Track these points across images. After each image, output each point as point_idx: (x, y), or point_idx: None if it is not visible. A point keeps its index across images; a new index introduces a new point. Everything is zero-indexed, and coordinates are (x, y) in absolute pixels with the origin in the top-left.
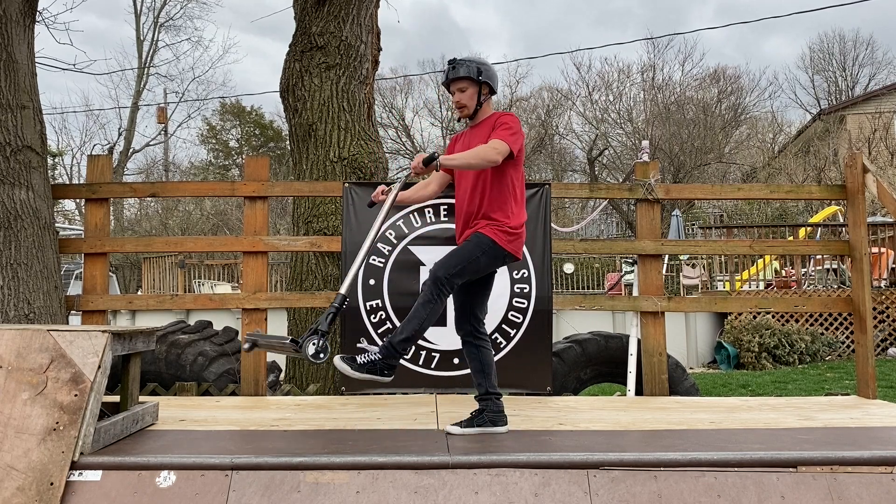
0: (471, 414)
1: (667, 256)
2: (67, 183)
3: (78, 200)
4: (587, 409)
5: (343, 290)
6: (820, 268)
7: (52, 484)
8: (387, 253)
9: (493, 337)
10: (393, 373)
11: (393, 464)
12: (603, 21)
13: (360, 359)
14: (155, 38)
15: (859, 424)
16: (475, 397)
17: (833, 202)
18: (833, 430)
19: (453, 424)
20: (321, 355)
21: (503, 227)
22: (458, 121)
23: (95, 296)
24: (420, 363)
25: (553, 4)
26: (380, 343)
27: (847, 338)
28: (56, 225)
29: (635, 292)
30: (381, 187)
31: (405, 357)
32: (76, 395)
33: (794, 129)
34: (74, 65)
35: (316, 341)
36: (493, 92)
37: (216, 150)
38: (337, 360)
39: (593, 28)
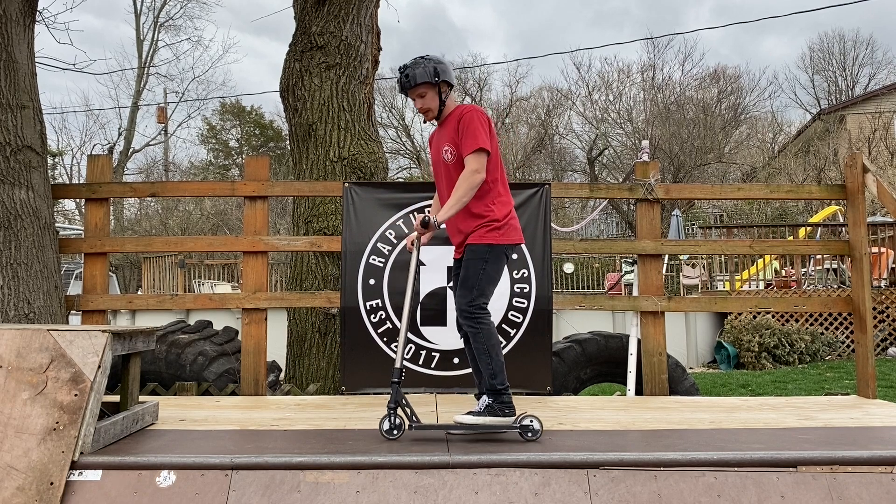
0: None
1: (667, 256)
2: (67, 183)
3: (78, 200)
4: (587, 409)
5: (397, 363)
6: (820, 268)
7: (52, 484)
8: (387, 253)
9: None
10: (513, 411)
11: (393, 463)
12: (600, 21)
13: (477, 408)
14: (155, 38)
15: (859, 424)
16: (476, 396)
17: (833, 202)
18: (833, 430)
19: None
20: (394, 431)
21: (490, 225)
22: (424, 122)
23: (95, 296)
24: (420, 363)
25: (549, 4)
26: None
27: (847, 338)
28: (56, 225)
29: (635, 292)
30: (412, 237)
31: (504, 390)
32: (76, 395)
33: (794, 129)
34: (74, 65)
35: (391, 419)
36: (451, 86)
37: (216, 150)
38: (458, 417)
39: (590, 28)
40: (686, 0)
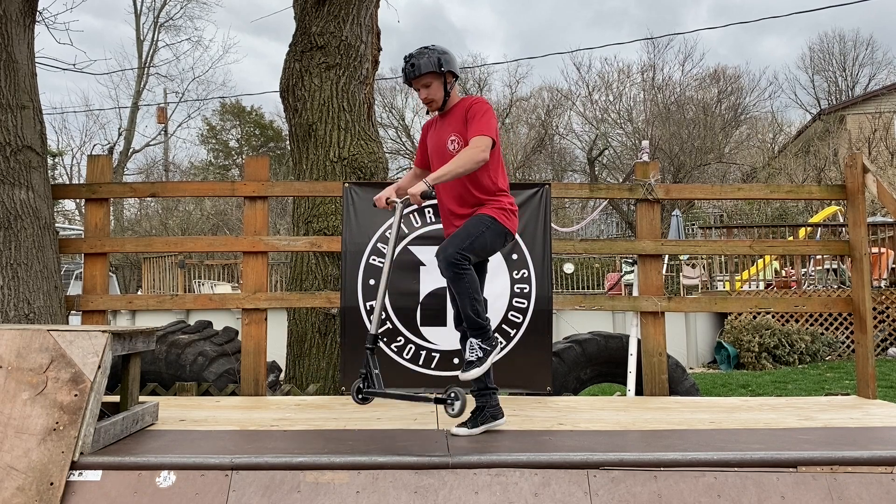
0: (472, 413)
1: (667, 256)
2: (67, 183)
3: (78, 200)
4: (587, 409)
5: (372, 329)
6: (820, 268)
7: (52, 484)
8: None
9: None
10: (494, 346)
11: (393, 464)
12: (599, 21)
13: (471, 357)
14: (155, 38)
15: (859, 424)
16: (472, 392)
17: (833, 202)
18: (833, 430)
19: (458, 426)
20: (359, 397)
21: (501, 205)
22: (428, 113)
23: (95, 296)
24: (420, 363)
25: (548, 4)
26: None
27: (847, 338)
28: (56, 225)
29: (635, 292)
30: (384, 195)
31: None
32: (76, 395)
33: (794, 129)
34: (74, 65)
35: (360, 385)
36: (456, 77)
37: (216, 150)
38: (462, 374)
39: (589, 28)
40: (685, 0)
